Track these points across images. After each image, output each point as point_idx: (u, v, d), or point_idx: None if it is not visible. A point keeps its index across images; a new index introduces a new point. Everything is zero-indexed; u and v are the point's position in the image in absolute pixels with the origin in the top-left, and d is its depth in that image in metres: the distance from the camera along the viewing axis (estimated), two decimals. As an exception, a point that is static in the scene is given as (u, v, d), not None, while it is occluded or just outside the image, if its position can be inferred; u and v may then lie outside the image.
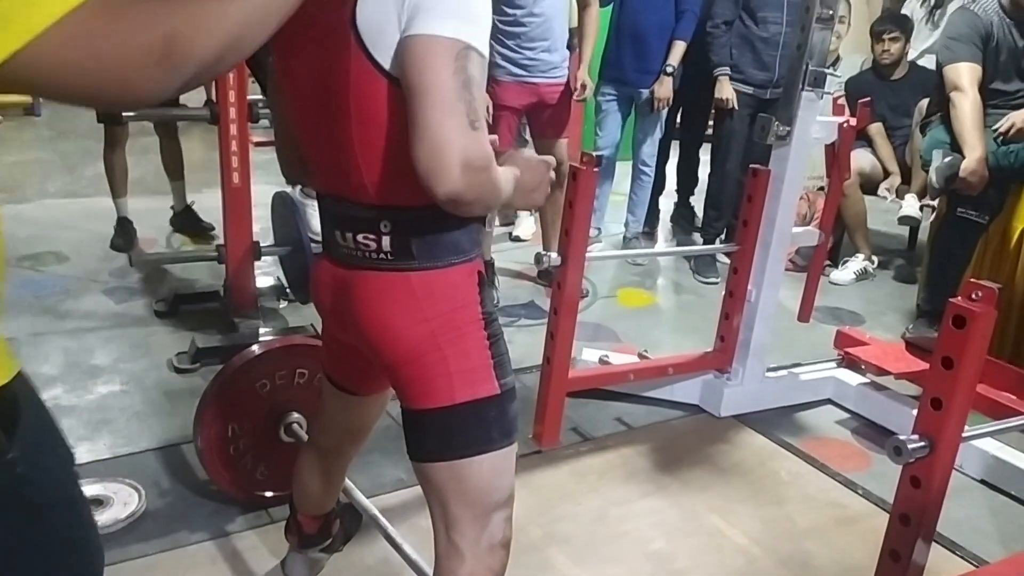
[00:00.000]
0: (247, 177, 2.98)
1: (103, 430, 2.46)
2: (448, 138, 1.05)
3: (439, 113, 1.05)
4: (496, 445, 1.27)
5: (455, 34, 1.07)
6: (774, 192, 2.57)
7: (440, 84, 1.06)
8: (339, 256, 1.31)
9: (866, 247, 4.32)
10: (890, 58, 4.33)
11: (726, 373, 2.76)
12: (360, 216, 1.24)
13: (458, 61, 1.07)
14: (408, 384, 1.28)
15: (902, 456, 1.42)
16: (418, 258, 1.23)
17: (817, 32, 2.44)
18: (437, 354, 1.24)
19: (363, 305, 1.28)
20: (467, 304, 1.26)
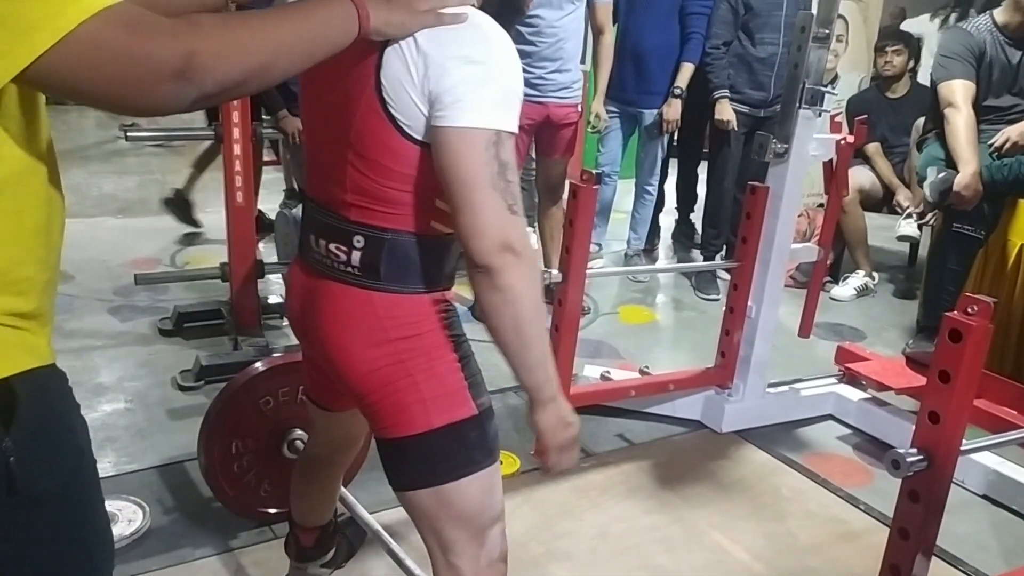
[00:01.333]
0: (251, 196, 3.01)
1: (107, 448, 2.47)
2: (488, 222, 1.10)
3: (478, 200, 1.10)
4: (480, 465, 1.27)
5: (486, 124, 1.10)
6: (772, 209, 2.59)
7: (477, 175, 1.10)
8: (310, 261, 1.32)
9: (866, 263, 4.34)
10: (892, 70, 4.35)
11: (727, 389, 2.77)
12: (337, 227, 1.25)
13: (489, 151, 1.10)
14: (380, 414, 1.28)
15: (900, 470, 1.43)
16: (384, 279, 1.23)
17: (813, 51, 2.47)
18: (407, 380, 1.24)
19: (325, 318, 1.29)
20: (433, 329, 1.26)
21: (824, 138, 2.70)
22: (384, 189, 1.20)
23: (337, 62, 1.16)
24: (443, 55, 1.11)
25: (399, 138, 1.15)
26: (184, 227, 4.66)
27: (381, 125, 1.15)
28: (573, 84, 3.64)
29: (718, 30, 3.99)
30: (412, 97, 1.12)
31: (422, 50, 1.11)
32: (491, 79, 1.12)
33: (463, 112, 1.10)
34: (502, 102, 1.12)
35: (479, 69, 1.11)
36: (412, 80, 1.12)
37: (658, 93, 4.09)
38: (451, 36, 1.12)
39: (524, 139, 3.66)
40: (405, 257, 1.23)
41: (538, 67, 3.50)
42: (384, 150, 1.17)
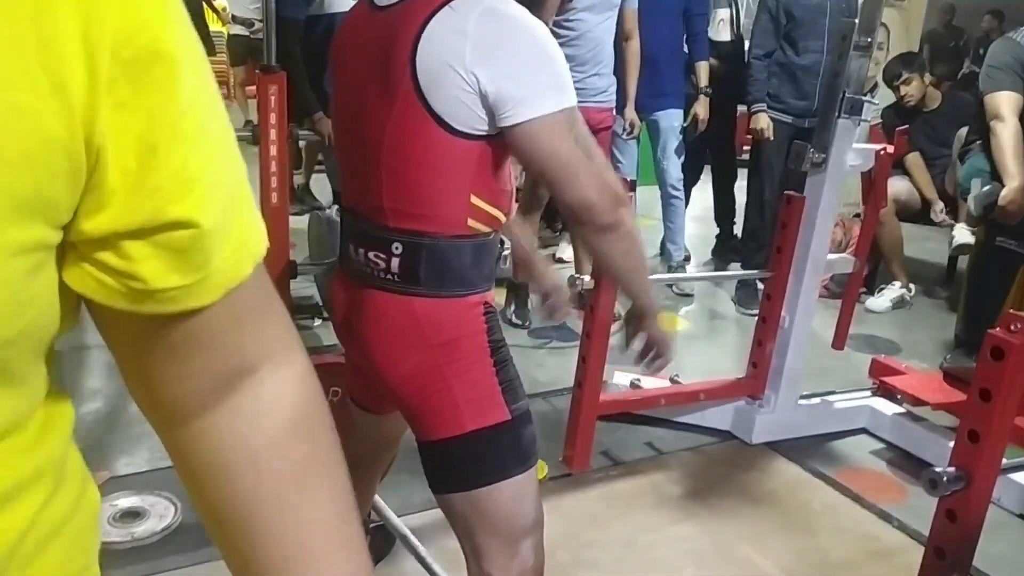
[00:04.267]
0: (285, 197, 3.04)
1: (142, 444, 2.50)
2: (596, 191, 1.20)
3: (578, 178, 1.19)
4: (513, 472, 1.28)
5: (557, 106, 1.16)
6: (808, 219, 2.56)
7: (569, 157, 1.18)
8: (351, 271, 1.33)
9: (903, 275, 4.27)
10: (912, 99, 4.27)
11: (758, 400, 2.74)
12: (375, 235, 1.27)
13: (571, 129, 1.18)
14: (417, 417, 1.30)
15: (938, 489, 1.40)
16: (424, 284, 1.24)
17: (855, 59, 2.44)
18: (442, 384, 1.25)
19: (367, 326, 1.30)
20: (473, 333, 1.27)
21: (863, 148, 2.66)
22: (420, 188, 1.21)
23: (370, 61, 1.21)
24: (491, 51, 1.14)
25: (437, 129, 1.17)
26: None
27: (418, 117, 1.17)
28: (608, 88, 3.63)
29: (760, 40, 3.95)
30: (458, 89, 1.14)
31: (467, 45, 1.13)
32: (545, 63, 1.17)
33: (535, 104, 1.14)
34: (562, 83, 1.18)
35: (531, 58, 1.16)
36: (458, 73, 1.13)
37: (671, 94, 4.07)
38: (495, 30, 1.15)
39: None
40: (444, 261, 1.24)
41: (578, 71, 3.49)
42: (421, 144, 1.19)
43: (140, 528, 2.07)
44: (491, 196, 1.26)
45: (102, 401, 2.74)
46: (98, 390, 2.82)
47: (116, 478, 2.28)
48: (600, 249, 1.29)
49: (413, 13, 1.17)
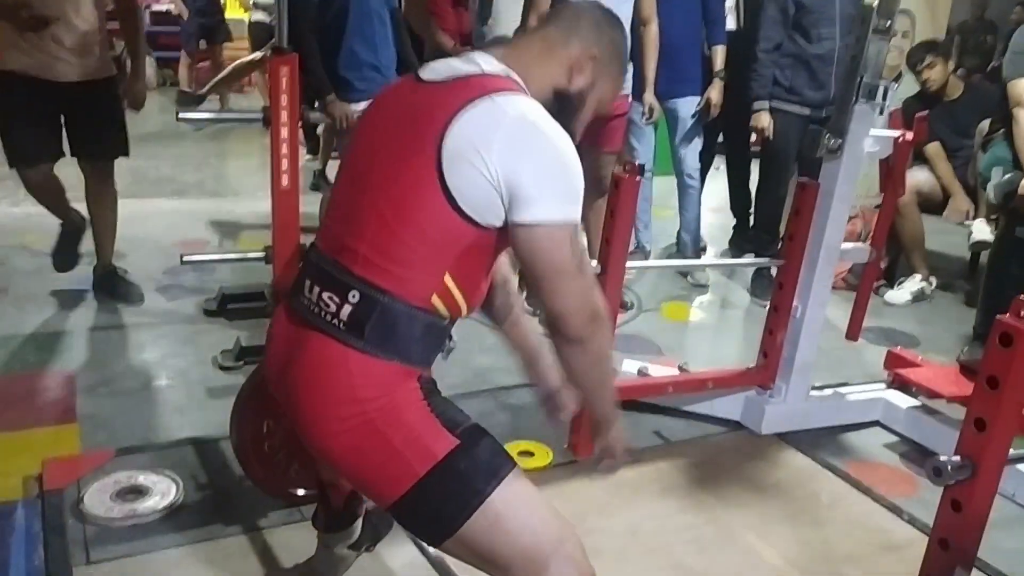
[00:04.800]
0: (296, 180, 3.02)
1: (147, 423, 2.52)
2: (580, 303, 1.25)
3: (568, 288, 1.24)
4: (487, 491, 1.23)
5: (565, 217, 1.23)
6: (823, 207, 2.51)
7: (565, 266, 1.23)
8: (298, 307, 1.33)
9: (923, 267, 4.19)
10: (935, 84, 4.18)
11: (768, 390, 2.70)
12: (336, 277, 1.27)
13: (573, 243, 1.23)
14: (363, 481, 1.29)
15: (942, 477, 1.37)
16: (367, 340, 1.24)
17: (873, 43, 2.38)
18: (377, 438, 1.23)
19: (300, 369, 1.29)
20: (405, 394, 1.27)
21: (881, 134, 2.60)
22: (404, 248, 1.23)
23: (400, 120, 1.27)
24: (518, 149, 1.20)
25: (444, 202, 1.21)
26: (236, 210, 4.76)
27: (430, 184, 1.21)
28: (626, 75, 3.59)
29: (768, 32, 3.81)
30: (477, 173, 1.19)
31: (498, 137, 1.19)
32: (564, 175, 1.23)
33: (547, 209, 1.21)
34: (575, 197, 1.24)
35: (553, 167, 1.22)
36: (482, 158, 1.19)
37: (691, 80, 4.01)
38: (526, 132, 1.21)
39: None
40: (393, 325, 1.24)
41: None
42: (422, 207, 1.22)
43: (142, 506, 2.07)
44: (464, 283, 1.29)
45: (109, 380, 2.76)
46: (105, 369, 2.83)
47: (120, 456, 2.29)
48: (566, 359, 1.31)
49: (456, 93, 1.24)
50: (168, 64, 9.16)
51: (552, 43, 1.37)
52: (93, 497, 2.09)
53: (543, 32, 1.41)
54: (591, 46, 1.38)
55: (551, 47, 1.37)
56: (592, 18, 1.41)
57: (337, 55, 3.15)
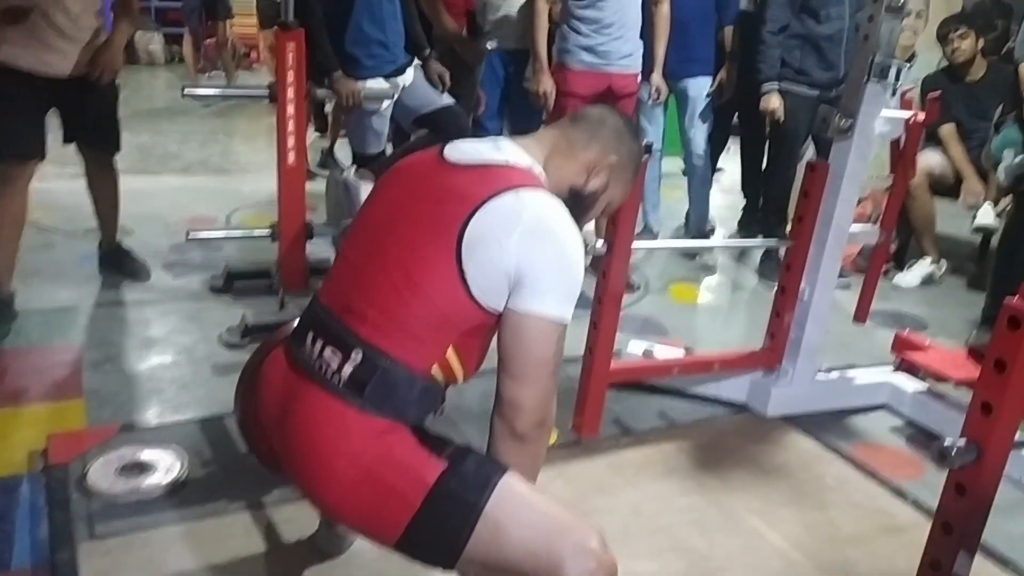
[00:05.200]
0: (302, 157, 3.02)
1: (153, 398, 2.52)
2: (540, 403, 1.29)
3: (539, 383, 1.28)
4: (480, 504, 1.23)
5: (562, 317, 1.28)
6: (832, 188, 2.48)
7: (545, 361, 1.28)
8: (296, 359, 1.35)
9: (933, 250, 4.15)
10: (962, 55, 4.10)
11: (775, 372, 2.68)
12: (341, 335, 1.29)
13: (559, 342, 1.29)
14: (369, 527, 1.30)
15: (947, 461, 1.36)
16: (366, 399, 1.26)
17: (886, 22, 2.34)
18: (373, 481, 1.25)
19: (300, 424, 1.30)
20: (395, 433, 1.29)
21: (893, 115, 2.57)
22: (411, 318, 1.26)
23: (428, 195, 1.32)
24: (532, 244, 1.25)
25: (458, 285, 1.26)
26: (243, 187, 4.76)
27: (447, 266, 1.25)
28: (635, 52, 3.55)
29: (775, 13, 3.76)
30: (491, 261, 1.24)
31: (517, 230, 1.25)
32: (569, 276, 1.28)
33: (544, 303, 1.26)
34: (573, 298, 1.29)
35: (561, 267, 1.27)
36: (499, 247, 1.24)
37: (702, 60, 3.97)
38: (543, 231, 1.27)
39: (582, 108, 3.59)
40: (393, 388, 1.26)
41: (603, 34, 3.43)
42: (437, 287, 1.26)
43: (146, 481, 2.07)
44: (465, 357, 1.33)
45: (114, 356, 2.77)
46: (111, 345, 2.84)
47: (125, 432, 2.30)
48: (503, 452, 1.32)
49: (483, 182, 1.30)
50: (176, 40, 9.13)
51: (575, 144, 1.45)
52: (97, 472, 2.09)
53: (568, 131, 1.47)
54: (610, 152, 1.46)
55: (573, 147, 1.45)
56: (615, 126, 1.49)
57: (344, 31, 3.12)
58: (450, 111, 3.32)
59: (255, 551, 1.89)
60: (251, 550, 1.89)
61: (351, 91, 3.09)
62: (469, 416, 2.38)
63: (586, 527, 1.27)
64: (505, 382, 1.29)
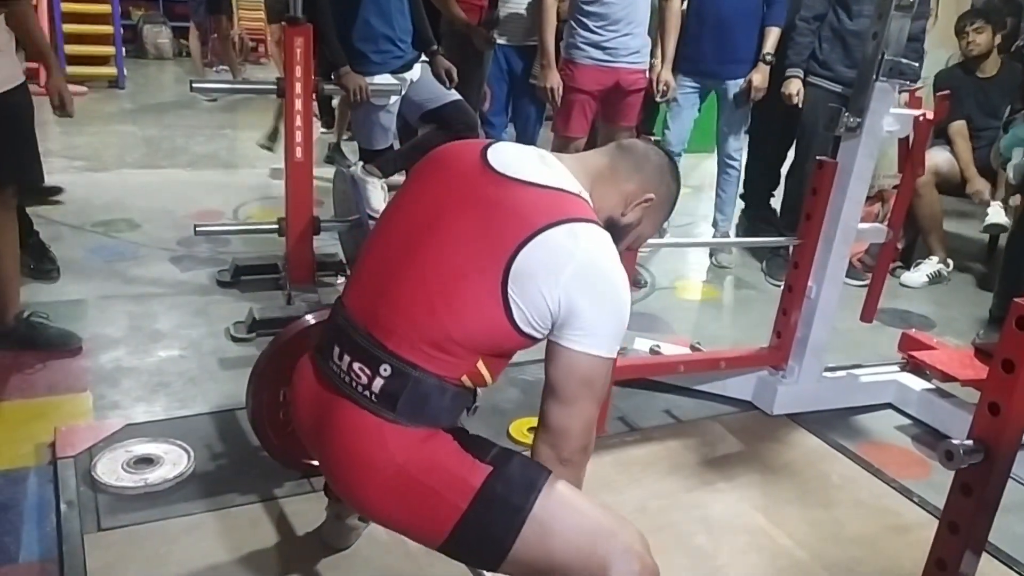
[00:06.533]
0: (310, 152, 3.02)
1: (160, 392, 2.53)
2: (585, 429, 1.32)
3: (586, 411, 1.30)
4: (527, 506, 1.25)
5: (611, 354, 1.29)
6: (840, 185, 2.48)
7: (593, 392, 1.30)
8: (325, 373, 1.35)
9: (941, 249, 4.14)
10: (977, 49, 4.08)
11: (781, 370, 2.68)
12: (368, 349, 1.29)
13: (607, 376, 1.31)
14: (411, 529, 1.31)
15: (954, 461, 1.36)
16: (399, 412, 1.26)
17: (896, 20, 2.33)
18: (418, 488, 1.26)
19: (337, 441, 1.32)
20: (435, 438, 1.31)
21: (901, 113, 2.56)
22: (445, 338, 1.26)
23: (474, 207, 1.30)
24: (585, 283, 1.25)
25: (499, 309, 1.25)
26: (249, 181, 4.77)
27: (490, 290, 1.25)
28: (643, 49, 3.54)
29: (811, 2, 3.73)
30: (540, 293, 1.24)
31: (570, 266, 1.24)
32: (619, 316, 1.29)
33: (597, 343, 1.27)
34: (621, 335, 1.31)
35: (612, 307, 1.28)
36: (551, 281, 1.24)
37: (743, 61, 3.83)
38: (596, 270, 1.27)
39: (592, 105, 3.58)
40: (425, 398, 1.27)
41: (610, 30, 3.42)
42: (478, 311, 1.26)
43: (153, 475, 2.08)
44: (493, 367, 1.34)
45: (122, 350, 2.77)
46: (118, 339, 2.85)
47: (132, 425, 2.31)
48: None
49: (538, 208, 1.28)
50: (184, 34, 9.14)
51: (618, 174, 1.45)
52: (105, 465, 2.10)
53: (614, 160, 1.47)
54: (651, 188, 1.47)
55: (616, 178, 1.45)
56: (658, 163, 1.50)
57: (351, 27, 3.12)
58: (457, 106, 3.32)
59: (262, 544, 1.89)
60: (258, 543, 1.89)
61: (359, 86, 3.09)
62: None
63: (630, 530, 1.30)
64: (553, 409, 1.30)
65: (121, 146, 5.46)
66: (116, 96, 7.27)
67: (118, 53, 7.49)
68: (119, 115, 6.55)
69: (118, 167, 4.95)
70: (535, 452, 1.34)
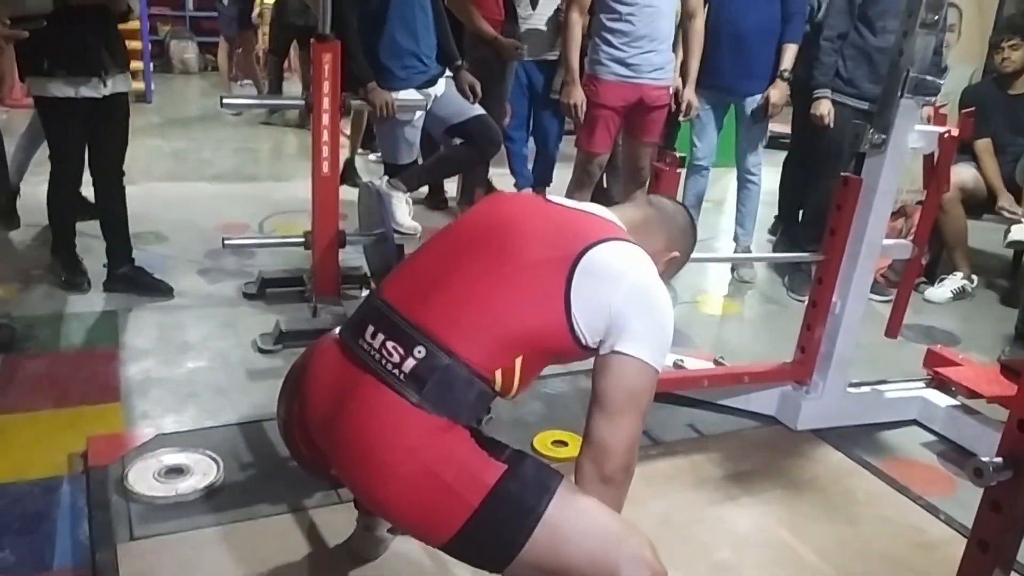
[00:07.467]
0: (336, 167, 3.06)
1: (189, 403, 2.57)
2: (627, 444, 1.34)
3: (630, 422, 1.33)
4: (541, 507, 1.26)
5: (656, 363, 1.34)
6: (865, 202, 2.48)
7: (638, 402, 1.33)
8: (354, 351, 1.35)
9: (965, 265, 4.12)
10: (1012, 66, 4.07)
11: (805, 385, 2.68)
12: (405, 330, 1.31)
13: (652, 388, 1.35)
14: (421, 525, 1.31)
15: (983, 478, 1.36)
16: (424, 396, 1.27)
17: (920, 37, 2.34)
18: (430, 479, 1.26)
19: (357, 418, 1.31)
20: (452, 432, 1.31)
21: (926, 130, 2.56)
22: (496, 324, 1.31)
23: (542, 218, 1.42)
24: (639, 296, 1.34)
25: (560, 305, 1.30)
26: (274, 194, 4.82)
27: (555, 287, 1.31)
28: (667, 65, 3.56)
29: (834, 21, 3.75)
30: (598, 298, 1.31)
31: (626, 281, 1.33)
32: (666, 330, 1.37)
33: (646, 350, 1.32)
34: (666, 351, 1.38)
35: (660, 321, 1.36)
36: (609, 289, 1.32)
37: (761, 77, 3.86)
38: (649, 288, 1.36)
39: (616, 121, 3.60)
40: (452, 386, 1.28)
41: (634, 47, 3.44)
42: (539, 301, 1.31)
43: (183, 484, 2.11)
44: (527, 370, 1.35)
45: (152, 360, 2.82)
46: (149, 350, 2.89)
47: (162, 435, 2.34)
48: (588, 492, 1.34)
49: (603, 226, 1.43)
50: (210, 49, 9.26)
51: (649, 229, 1.55)
52: (136, 475, 2.14)
53: (647, 217, 1.58)
54: (676, 246, 1.60)
55: (648, 231, 1.54)
56: (684, 223, 1.64)
57: (378, 43, 3.16)
58: (481, 121, 3.35)
59: (291, 554, 1.91)
60: (287, 553, 1.91)
61: (385, 102, 3.13)
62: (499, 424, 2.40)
63: (640, 537, 1.30)
64: (599, 422, 1.33)
65: (149, 159, 5.53)
66: (144, 110, 7.36)
67: (146, 68, 7.60)
68: (146, 129, 6.64)
69: (146, 180, 5.00)
70: (577, 469, 1.35)
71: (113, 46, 3.09)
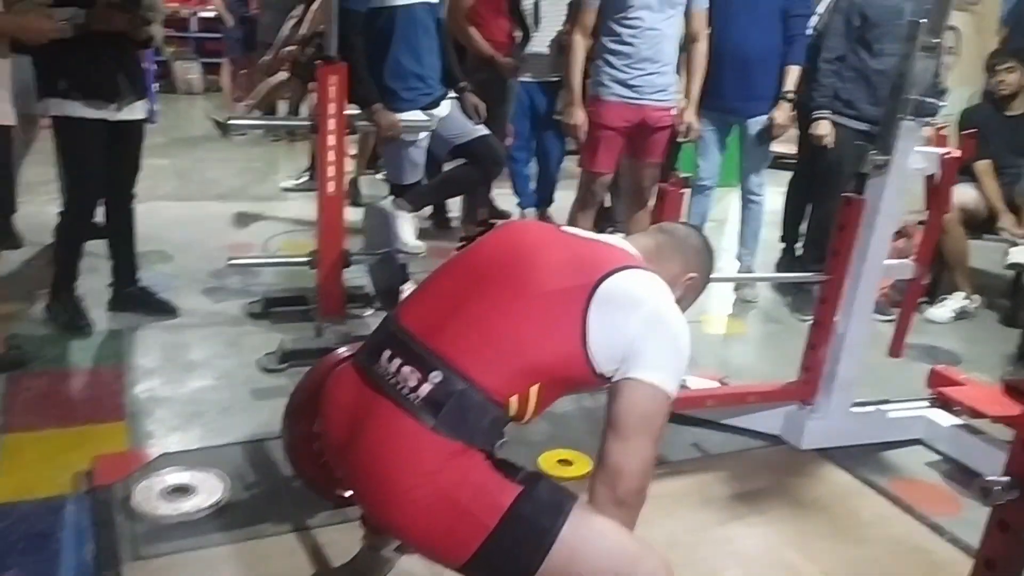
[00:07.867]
0: (341, 186, 3.08)
1: (194, 422, 2.57)
2: (641, 468, 1.34)
3: (643, 447, 1.34)
4: (556, 528, 1.27)
5: (672, 390, 1.35)
6: (868, 222, 2.50)
7: (652, 427, 1.34)
8: (371, 375, 1.37)
9: (967, 285, 4.13)
10: (1008, 88, 4.11)
11: (809, 405, 2.68)
12: (422, 355, 1.32)
13: (665, 415, 1.36)
14: (438, 547, 1.31)
15: (990, 498, 1.36)
16: (440, 420, 1.28)
17: (921, 60, 2.37)
18: (446, 501, 1.27)
19: (374, 443, 1.32)
20: (467, 456, 1.31)
21: (928, 151, 2.58)
22: (513, 352, 1.32)
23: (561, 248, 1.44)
24: (656, 324, 1.35)
25: (577, 333, 1.31)
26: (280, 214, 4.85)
27: (572, 314, 1.32)
28: (669, 87, 3.58)
29: (832, 43, 3.79)
30: (615, 325, 1.32)
31: (644, 309, 1.35)
32: (681, 358, 1.38)
33: (661, 376, 1.33)
34: (680, 377, 1.39)
35: (676, 349, 1.37)
36: (626, 315, 1.33)
37: (763, 98, 3.88)
38: (666, 316, 1.37)
39: (619, 141, 3.62)
40: (467, 412, 1.29)
41: (636, 68, 3.46)
42: (556, 329, 1.33)
43: (189, 503, 2.12)
44: (543, 398, 1.37)
45: (157, 380, 2.82)
46: (154, 369, 2.90)
47: (168, 454, 2.34)
48: (603, 511, 1.34)
49: (621, 255, 1.45)
50: (214, 70, 9.33)
51: (664, 254, 1.57)
52: (141, 494, 2.14)
53: (660, 244, 1.59)
54: (692, 269, 1.60)
55: (662, 258, 1.56)
56: (699, 246, 1.64)
57: (383, 65, 3.19)
58: (485, 141, 3.37)
59: (297, 573, 1.91)
60: (293, 572, 1.91)
61: (390, 123, 3.16)
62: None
63: (656, 557, 1.32)
64: (612, 446, 1.33)
65: (154, 179, 5.54)
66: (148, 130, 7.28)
67: (149, 89, 7.65)
68: (151, 149, 6.58)
69: (151, 199, 4.99)
70: (591, 492, 1.36)
71: (132, 73, 3.12)
